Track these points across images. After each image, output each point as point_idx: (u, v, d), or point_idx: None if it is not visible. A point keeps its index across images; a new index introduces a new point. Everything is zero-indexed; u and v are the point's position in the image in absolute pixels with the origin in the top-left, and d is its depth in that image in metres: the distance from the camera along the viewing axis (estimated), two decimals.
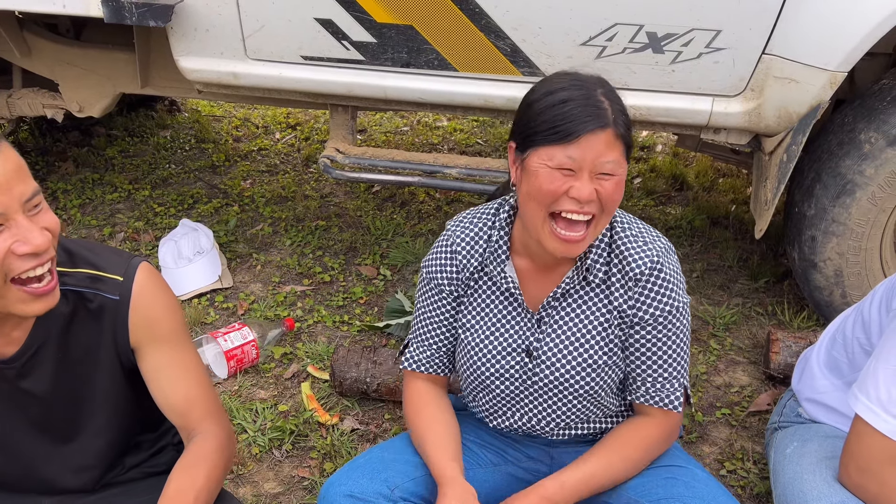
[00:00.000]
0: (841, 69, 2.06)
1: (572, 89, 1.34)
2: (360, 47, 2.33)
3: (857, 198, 2.23)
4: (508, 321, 1.54)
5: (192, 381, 1.38)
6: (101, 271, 1.31)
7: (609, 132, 1.31)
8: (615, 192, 1.34)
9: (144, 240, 3.12)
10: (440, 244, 1.58)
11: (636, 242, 1.46)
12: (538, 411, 1.57)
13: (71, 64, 2.85)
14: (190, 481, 1.30)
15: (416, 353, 1.62)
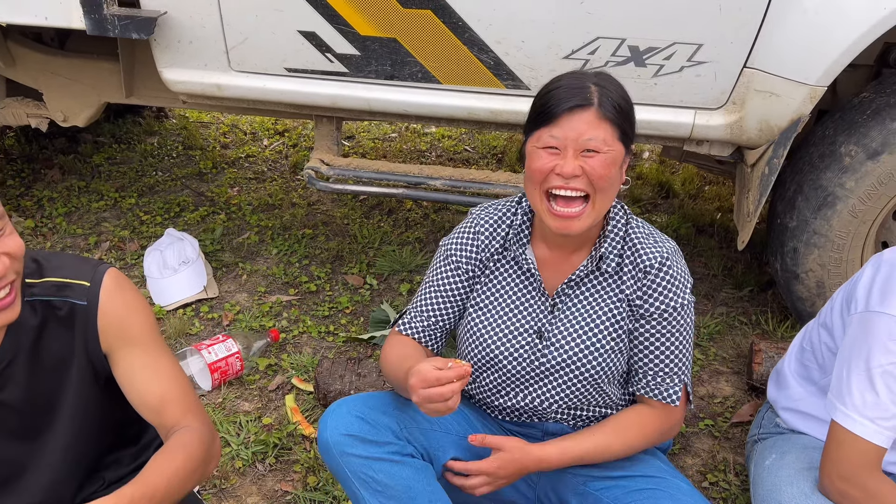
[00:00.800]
0: (821, 83, 2.07)
1: (565, 79, 1.46)
2: (344, 60, 2.33)
3: (838, 210, 2.24)
4: (523, 303, 1.61)
5: (166, 380, 1.37)
6: (68, 278, 1.32)
7: (591, 111, 1.41)
8: (602, 167, 1.42)
9: (130, 249, 3.12)
10: (464, 225, 1.66)
11: (648, 239, 1.56)
12: (541, 392, 1.62)
13: (55, 73, 2.84)
14: (167, 462, 1.28)
15: (413, 321, 1.66)
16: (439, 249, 1.67)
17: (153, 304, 2.78)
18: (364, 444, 1.47)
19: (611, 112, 1.41)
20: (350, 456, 1.47)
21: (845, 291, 1.66)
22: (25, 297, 1.28)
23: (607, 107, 1.41)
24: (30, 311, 1.29)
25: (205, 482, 2.03)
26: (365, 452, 1.47)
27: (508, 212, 1.64)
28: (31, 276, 1.30)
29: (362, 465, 1.47)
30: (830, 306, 1.72)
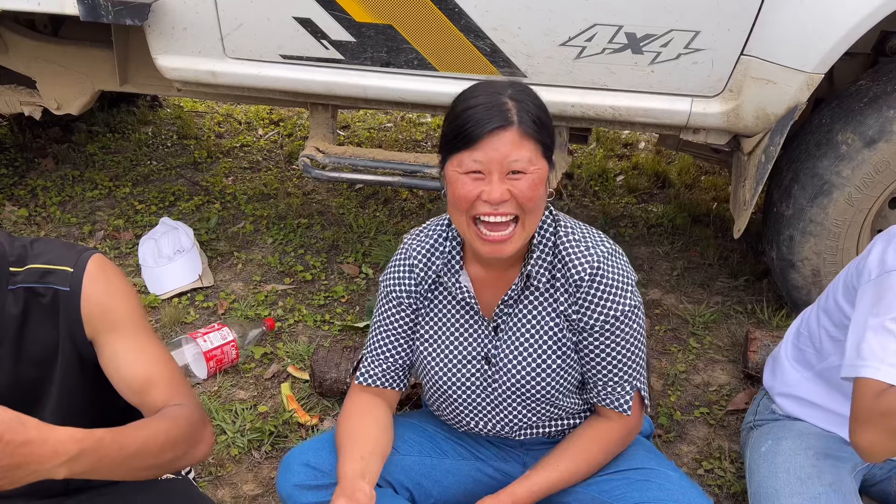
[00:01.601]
0: (818, 71, 2.06)
1: (481, 96, 1.36)
2: (340, 46, 2.32)
3: (835, 198, 2.24)
4: (467, 330, 1.56)
5: (152, 363, 1.33)
6: (51, 264, 1.29)
7: (513, 131, 1.33)
8: (530, 189, 1.35)
9: (124, 238, 3.10)
10: (398, 258, 1.60)
11: (578, 248, 1.47)
12: (500, 416, 1.60)
13: (49, 61, 2.82)
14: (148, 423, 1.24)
15: (371, 366, 1.61)
16: (380, 287, 1.63)
17: (148, 293, 2.77)
18: (312, 491, 1.52)
19: (531, 129, 1.34)
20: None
21: (848, 274, 1.65)
22: (9, 286, 1.26)
23: (528, 124, 1.34)
24: (12, 300, 1.26)
25: (195, 467, 2.03)
26: (314, 499, 1.51)
27: (440, 237, 1.56)
28: (15, 264, 1.28)
29: None
30: (831, 291, 1.71)
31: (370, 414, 1.57)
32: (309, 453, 1.55)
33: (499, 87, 1.38)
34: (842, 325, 1.64)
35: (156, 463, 1.22)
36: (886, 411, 1.36)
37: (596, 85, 2.25)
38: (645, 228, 3.24)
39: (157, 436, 1.22)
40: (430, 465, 1.65)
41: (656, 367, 2.46)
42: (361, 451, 1.46)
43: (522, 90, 1.39)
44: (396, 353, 1.60)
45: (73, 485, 1.44)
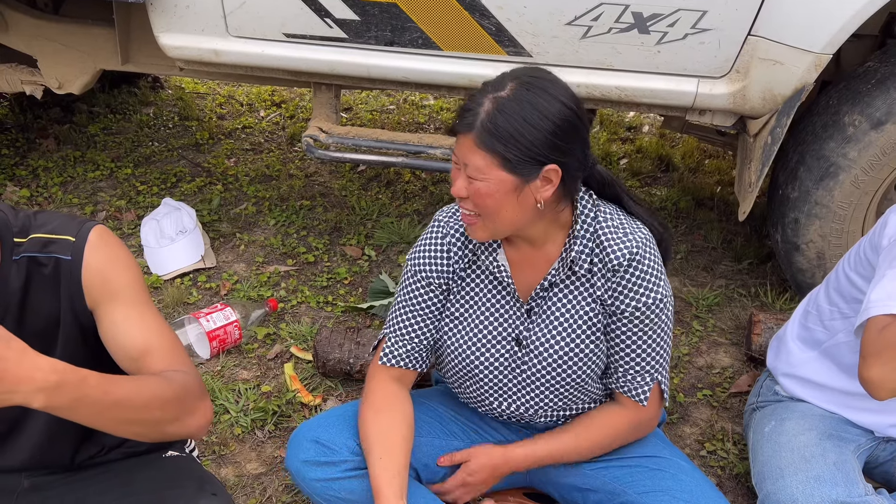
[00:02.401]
0: (826, 51, 2.05)
1: (484, 86, 1.38)
2: (344, 25, 2.30)
3: (841, 181, 2.23)
4: (499, 311, 1.55)
5: (151, 332, 1.31)
6: (54, 234, 1.29)
7: (470, 137, 1.34)
8: (482, 196, 1.36)
9: (126, 219, 3.09)
10: (432, 236, 1.57)
11: (616, 233, 1.46)
12: (525, 399, 1.59)
13: (50, 39, 2.80)
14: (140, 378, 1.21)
15: (394, 347, 1.59)
16: (407, 265, 1.60)
17: (150, 273, 2.76)
18: (321, 468, 1.52)
19: (487, 140, 1.31)
20: (311, 481, 1.53)
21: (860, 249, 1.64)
22: (13, 257, 1.26)
23: (485, 135, 1.31)
24: (15, 271, 1.26)
25: (198, 445, 2.03)
26: (323, 475, 1.52)
27: None
28: (19, 235, 1.28)
29: (324, 488, 1.53)
30: (841, 269, 1.71)
31: (400, 409, 1.55)
32: (318, 430, 1.56)
33: (502, 82, 1.36)
34: (853, 300, 1.64)
35: (141, 418, 1.17)
36: (892, 342, 1.35)
37: (602, 65, 2.23)
38: None
39: (145, 390, 1.18)
40: (439, 446, 1.65)
41: None
42: (398, 464, 1.46)
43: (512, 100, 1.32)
44: (421, 334, 1.59)
45: (78, 460, 1.44)
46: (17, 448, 1.39)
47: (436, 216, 1.60)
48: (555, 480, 1.67)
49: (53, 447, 1.40)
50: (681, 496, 1.48)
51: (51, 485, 1.43)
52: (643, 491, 1.52)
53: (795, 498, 1.50)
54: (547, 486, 1.70)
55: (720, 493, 1.53)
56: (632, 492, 1.53)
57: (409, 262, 1.60)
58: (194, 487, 1.39)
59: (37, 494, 1.42)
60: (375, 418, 1.52)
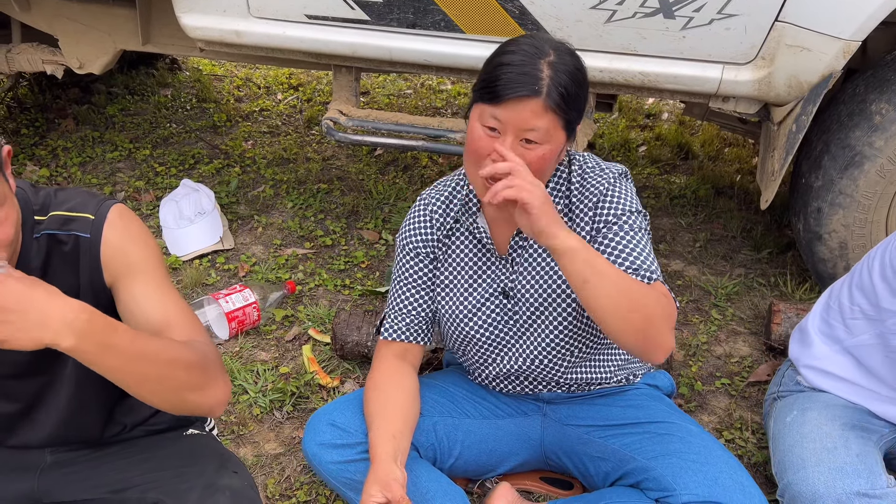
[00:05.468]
0: (855, 38, 2.02)
1: (520, 53, 1.35)
2: (366, 7, 2.29)
3: (866, 170, 2.21)
4: (483, 269, 1.59)
5: (169, 307, 1.32)
6: (73, 212, 1.30)
7: (538, 101, 1.32)
8: (539, 160, 1.35)
9: (145, 200, 3.10)
10: (414, 211, 1.64)
11: (593, 172, 1.52)
12: (522, 349, 1.61)
13: (71, 19, 2.80)
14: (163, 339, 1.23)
15: (394, 322, 1.64)
16: (397, 244, 1.66)
17: (169, 254, 2.77)
18: (337, 450, 1.55)
19: (557, 103, 1.33)
20: (327, 463, 1.56)
21: (884, 253, 1.61)
22: (34, 235, 1.27)
23: (554, 97, 1.32)
24: (35, 248, 1.27)
25: (217, 424, 2.04)
26: (339, 457, 1.54)
27: (457, 186, 1.62)
28: (40, 213, 1.29)
29: (340, 470, 1.55)
30: (865, 268, 1.67)
31: (399, 383, 1.58)
32: (334, 413, 1.59)
33: (541, 47, 1.36)
34: (878, 306, 1.62)
35: (164, 375, 1.17)
36: None
37: (626, 50, 2.21)
38: (668, 200, 3.21)
39: (171, 349, 1.19)
40: (452, 425, 1.66)
41: (678, 337, 2.45)
42: (392, 428, 1.48)
43: (563, 56, 1.36)
44: (419, 305, 1.64)
45: (105, 437, 1.45)
46: (39, 424, 1.40)
47: (420, 195, 1.67)
48: (568, 449, 1.67)
49: (76, 424, 1.41)
50: (689, 457, 1.49)
51: (73, 461, 1.44)
52: (653, 456, 1.53)
53: (817, 489, 1.50)
54: (562, 458, 1.70)
55: (730, 454, 1.52)
56: (641, 458, 1.54)
57: (398, 241, 1.66)
58: (216, 465, 1.40)
59: (59, 470, 1.43)
60: (374, 394, 1.57)
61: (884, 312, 1.60)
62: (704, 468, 1.46)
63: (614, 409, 1.66)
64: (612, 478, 1.59)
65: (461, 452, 1.67)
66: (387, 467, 1.40)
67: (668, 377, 1.83)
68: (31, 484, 1.42)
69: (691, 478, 1.45)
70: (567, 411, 1.69)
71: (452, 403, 1.70)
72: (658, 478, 1.49)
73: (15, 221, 1.17)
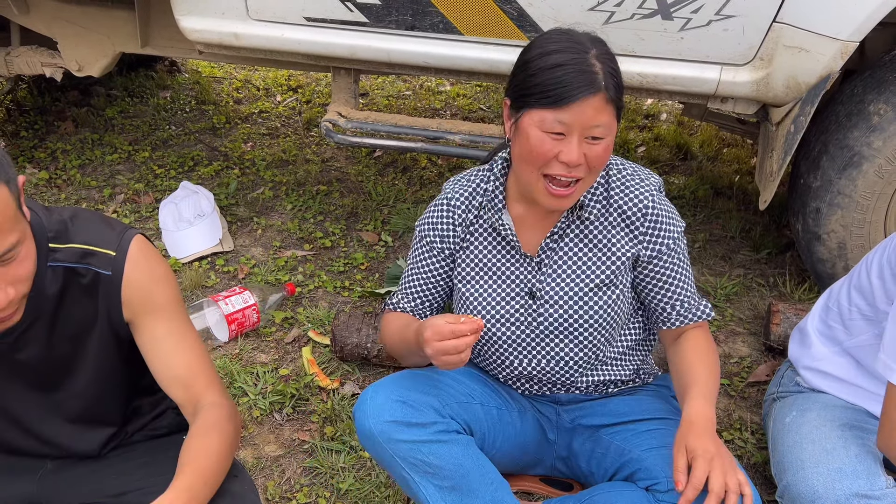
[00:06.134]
0: (852, 39, 2.02)
1: (567, 52, 1.36)
2: (364, 9, 2.29)
3: (864, 170, 2.21)
4: (508, 267, 1.58)
5: (191, 351, 1.36)
6: (93, 246, 1.29)
7: (600, 97, 1.35)
8: (605, 153, 1.40)
9: (144, 202, 3.11)
10: (437, 202, 1.63)
11: (633, 180, 1.53)
12: (546, 352, 1.60)
13: (70, 22, 2.80)
14: (205, 446, 1.29)
15: (402, 300, 1.68)
16: (415, 232, 1.66)
17: (169, 256, 2.77)
18: (410, 429, 1.44)
19: (615, 94, 1.36)
20: (398, 442, 1.44)
21: (883, 253, 1.61)
22: (49, 263, 1.27)
23: (612, 89, 1.36)
24: (52, 277, 1.27)
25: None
26: (412, 437, 1.43)
27: (482, 180, 1.59)
28: (56, 241, 1.27)
29: (411, 450, 1.44)
30: (864, 268, 1.67)
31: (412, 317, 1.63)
32: (400, 390, 1.48)
33: (583, 43, 1.38)
34: (875, 307, 1.62)
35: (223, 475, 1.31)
36: None
37: (624, 51, 2.21)
38: None
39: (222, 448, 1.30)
40: (497, 416, 1.63)
41: None
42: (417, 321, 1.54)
43: (606, 50, 1.39)
44: (427, 295, 1.66)
45: (106, 449, 1.46)
46: (43, 437, 1.40)
47: (444, 184, 1.66)
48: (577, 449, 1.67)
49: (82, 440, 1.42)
50: None
51: (73, 466, 1.44)
52: (647, 448, 1.54)
53: (816, 490, 1.50)
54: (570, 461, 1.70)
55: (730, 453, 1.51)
56: (636, 450, 1.55)
57: (416, 229, 1.66)
58: None
59: (59, 474, 1.44)
60: (390, 323, 1.64)
61: (881, 314, 1.60)
62: None
63: (622, 405, 1.67)
64: (611, 472, 1.60)
65: (501, 445, 1.63)
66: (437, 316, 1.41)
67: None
68: (32, 488, 1.42)
69: None
70: (579, 412, 1.69)
71: (492, 392, 1.65)
72: (649, 467, 1.49)
73: (34, 256, 1.18)
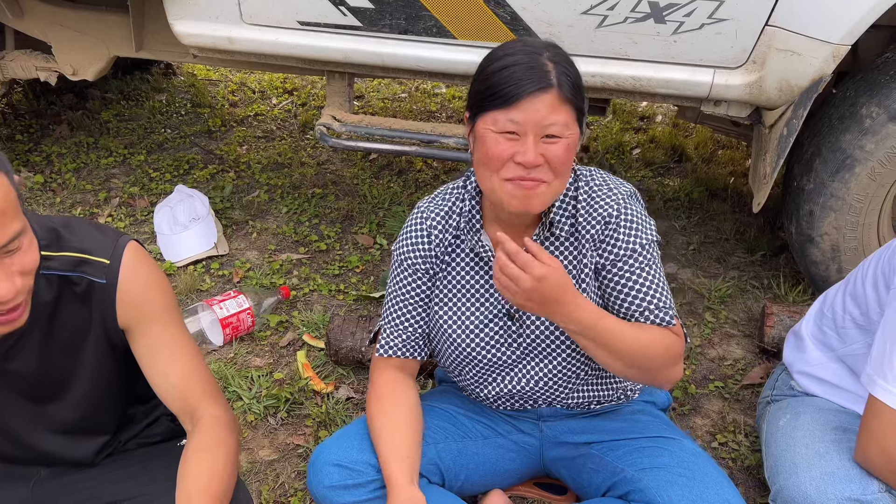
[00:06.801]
0: (844, 42, 2.03)
1: (518, 54, 1.34)
2: (358, 13, 2.29)
3: (857, 173, 2.21)
4: (486, 289, 1.56)
5: (187, 359, 1.36)
6: (87, 254, 1.29)
7: (552, 94, 1.32)
8: (564, 154, 1.35)
9: (140, 205, 3.11)
10: (411, 224, 1.59)
11: (601, 190, 1.49)
12: (525, 372, 1.59)
13: (64, 26, 2.80)
14: (216, 471, 1.28)
15: (390, 338, 1.60)
16: (393, 256, 1.61)
17: (164, 260, 2.77)
18: (347, 491, 1.49)
19: (570, 93, 1.33)
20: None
21: (878, 263, 1.61)
22: (42, 271, 1.26)
23: (567, 87, 1.32)
24: (45, 285, 1.26)
25: None
26: (351, 499, 1.49)
27: (457, 199, 1.56)
28: (49, 248, 1.27)
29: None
30: (860, 276, 1.67)
31: (403, 396, 1.56)
32: (338, 452, 1.53)
33: (536, 47, 1.36)
34: (868, 316, 1.62)
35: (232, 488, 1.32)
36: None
37: (617, 55, 2.22)
38: (661, 202, 3.22)
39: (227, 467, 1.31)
40: (456, 449, 1.64)
41: None
42: (403, 448, 1.47)
43: (560, 53, 1.37)
44: (415, 322, 1.60)
45: (100, 457, 1.45)
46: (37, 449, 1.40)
47: (417, 205, 1.62)
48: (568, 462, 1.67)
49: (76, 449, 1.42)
50: (677, 471, 1.48)
51: (67, 473, 1.44)
52: (641, 468, 1.52)
53: (809, 494, 1.50)
54: (561, 471, 1.70)
55: (721, 471, 1.50)
56: (630, 469, 1.54)
57: (394, 253, 1.61)
58: None
59: (53, 482, 1.43)
60: (378, 407, 1.54)
61: (874, 324, 1.60)
62: (691, 483, 1.45)
63: (610, 423, 1.66)
64: (603, 489, 1.59)
65: (467, 476, 1.65)
66: (408, 491, 1.41)
67: (664, 392, 1.83)
68: (26, 494, 1.42)
69: (676, 491, 1.44)
70: (563, 427, 1.68)
71: (454, 426, 1.67)
72: (644, 489, 1.48)
73: (37, 248, 1.17)
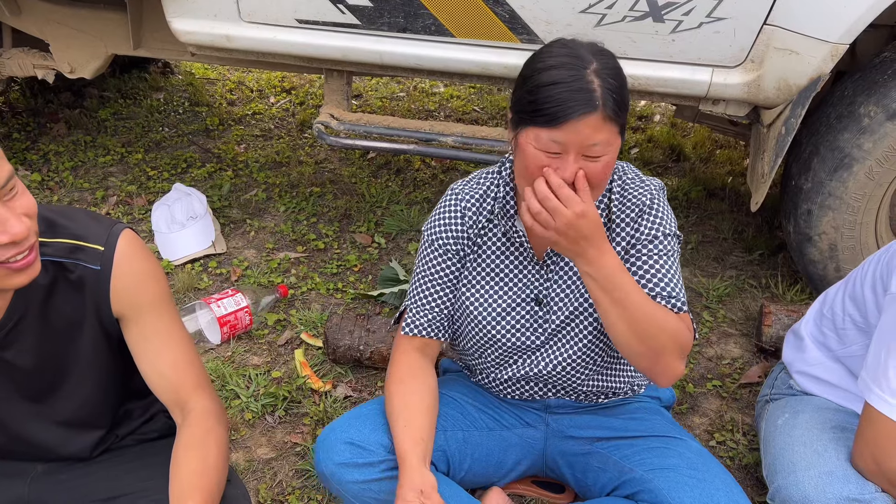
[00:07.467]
0: (843, 41, 2.03)
1: (563, 68, 1.31)
2: (357, 11, 2.29)
3: (855, 172, 2.22)
4: (515, 274, 1.58)
5: (179, 349, 1.36)
6: (82, 241, 1.28)
7: (597, 116, 1.29)
8: (603, 171, 1.36)
9: (137, 204, 3.10)
10: (445, 204, 1.60)
11: (634, 183, 1.53)
12: (545, 355, 1.60)
13: (62, 24, 2.79)
14: (208, 465, 1.29)
15: (416, 317, 1.61)
16: (423, 235, 1.62)
17: (161, 258, 2.77)
18: (358, 469, 1.50)
19: (613, 112, 1.31)
20: (348, 483, 1.50)
21: (877, 265, 1.61)
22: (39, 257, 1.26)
23: (611, 107, 1.30)
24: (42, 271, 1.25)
25: None
26: (361, 477, 1.49)
27: (492, 184, 1.58)
28: (44, 235, 1.26)
29: (362, 490, 1.50)
30: (859, 277, 1.67)
31: (422, 380, 1.57)
32: (350, 431, 1.53)
33: (583, 57, 1.32)
34: (867, 319, 1.62)
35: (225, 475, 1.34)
36: None
37: (616, 54, 2.19)
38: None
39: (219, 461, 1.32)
40: (462, 438, 1.66)
41: None
42: (419, 431, 1.47)
43: (606, 62, 1.33)
44: (441, 303, 1.61)
45: (96, 452, 1.45)
46: (34, 445, 1.40)
47: (451, 187, 1.64)
48: (570, 459, 1.67)
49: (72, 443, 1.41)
50: (687, 472, 1.49)
51: (64, 469, 1.44)
52: (650, 468, 1.53)
53: (807, 493, 1.50)
54: (562, 467, 1.71)
55: (728, 473, 1.52)
56: (639, 469, 1.55)
57: (425, 233, 1.62)
58: None
59: (50, 478, 1.43)
60: (399, 388, 1.54)
61: (873, 327, 1.60)
62: (701, 485, 1.46)
63: (616, 420, 1.67)
64: (609, 488, 1.59)
65: (470, 466, 1.66)
66: (421, 472, 1.40)
67: (668, 389, 1.83)
68: (22, 491, 1.41)
69: (687, 494, 1.45)
70: (569, 422, 1.69)
71: (461, 415, 1.68)
72: (654, 490, 1.48)
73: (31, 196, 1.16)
